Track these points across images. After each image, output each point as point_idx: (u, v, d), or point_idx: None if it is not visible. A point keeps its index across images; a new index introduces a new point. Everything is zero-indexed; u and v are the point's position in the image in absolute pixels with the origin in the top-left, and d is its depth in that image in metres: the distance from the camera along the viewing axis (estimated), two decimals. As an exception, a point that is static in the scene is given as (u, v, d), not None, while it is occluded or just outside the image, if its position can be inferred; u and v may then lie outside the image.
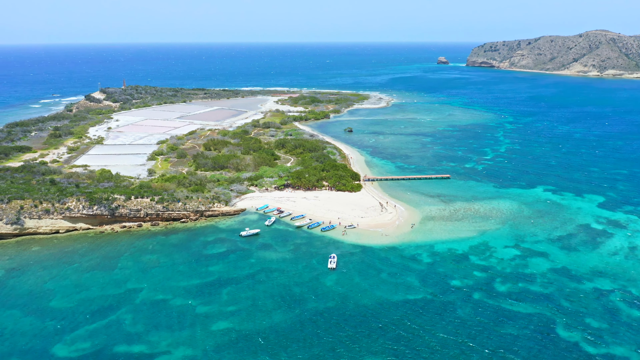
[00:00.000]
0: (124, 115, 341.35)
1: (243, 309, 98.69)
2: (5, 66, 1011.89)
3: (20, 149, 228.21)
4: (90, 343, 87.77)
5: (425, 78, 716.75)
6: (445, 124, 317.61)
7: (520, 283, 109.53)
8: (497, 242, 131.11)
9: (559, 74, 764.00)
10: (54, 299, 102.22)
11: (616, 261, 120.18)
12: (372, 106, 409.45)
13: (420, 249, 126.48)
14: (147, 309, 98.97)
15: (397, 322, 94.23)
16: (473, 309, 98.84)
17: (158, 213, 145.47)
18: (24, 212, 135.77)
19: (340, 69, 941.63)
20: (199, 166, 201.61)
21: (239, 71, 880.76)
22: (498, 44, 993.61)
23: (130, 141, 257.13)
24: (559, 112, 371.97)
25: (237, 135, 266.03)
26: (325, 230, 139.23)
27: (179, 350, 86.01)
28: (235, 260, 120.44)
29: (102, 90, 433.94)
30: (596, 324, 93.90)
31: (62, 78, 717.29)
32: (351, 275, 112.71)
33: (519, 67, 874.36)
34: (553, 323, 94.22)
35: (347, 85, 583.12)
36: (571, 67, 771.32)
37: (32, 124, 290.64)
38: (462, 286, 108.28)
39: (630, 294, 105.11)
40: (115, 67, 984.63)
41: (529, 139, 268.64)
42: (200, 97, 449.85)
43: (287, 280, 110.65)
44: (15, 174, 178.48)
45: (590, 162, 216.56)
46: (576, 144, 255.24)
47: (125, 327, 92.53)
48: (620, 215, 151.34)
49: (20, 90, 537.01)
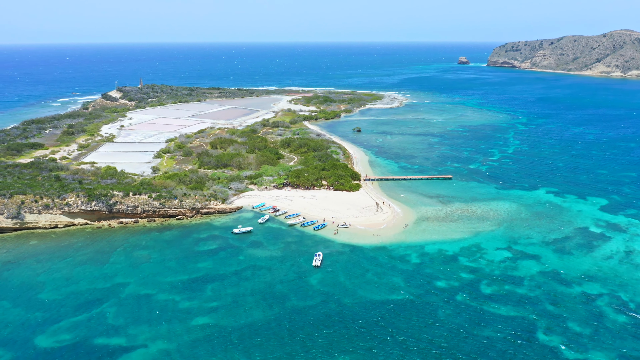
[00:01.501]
0: (138, 114, 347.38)
1: (224, 306, 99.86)
2: (26, 65, 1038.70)
3: (33, 146, 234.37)
4: (71, 335, 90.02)
5: (442, 78, 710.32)
6: (455, 124, 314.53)
7: (507, 285, 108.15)
8: (489, 243, 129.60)
9: (581, 75, 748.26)
10: (43, 292, 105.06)
11: (610, 265, 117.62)
12: (384, 106, 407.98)
13: (410, 250, 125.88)
14: (131, 303, 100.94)
15: (374, 322, 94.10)
16: (453, 311, 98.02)
17: (155, 210, 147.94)
18: (25, 207, 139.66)
19: (358, 68, 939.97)
20: (202, 164, 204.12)
21: (257, 71, 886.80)
22: (520, 44, 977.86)
23: (140, 139, 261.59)
24: (574, 114, 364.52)
25: (245, 134, 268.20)
26: (317, 229, 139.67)
27: (155, 344, 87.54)
28: (225, 258, 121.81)
29: (118, 88, 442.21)
30: (578, 329, 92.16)
31: (83, 77, 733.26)
32: (336, 275, 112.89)
33: (540, 67, 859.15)
34: (533, 327, 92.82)
35: (362, 85, 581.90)
36: (594, 68, 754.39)
37: (48, 122, 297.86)
38: (447, 287, 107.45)
39: (619, 299, 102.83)
40: (136, 67, 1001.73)
41: (540, 141, 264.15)
42: (215, 96, 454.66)
43: (272, 278, 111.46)
44: (24, 169, 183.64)
45: (598, 165, 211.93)
46: (587, 146, 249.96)
47: (107, 320, 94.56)
48: (622, 218, 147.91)
49: (41, 88, 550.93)
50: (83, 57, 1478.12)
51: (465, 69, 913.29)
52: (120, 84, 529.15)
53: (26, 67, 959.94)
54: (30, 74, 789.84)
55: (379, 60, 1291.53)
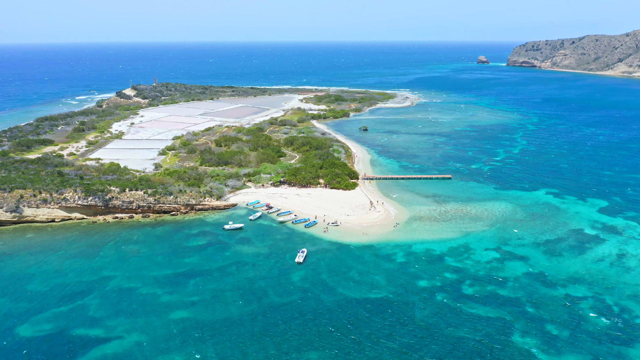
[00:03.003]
0: (149, 112, 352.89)
1: (203, 300, 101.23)
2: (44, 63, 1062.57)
3: (43, 142, 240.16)
4: (51, 325, 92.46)
5: (457, 78, 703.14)
6: (464, 124, 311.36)
7: (490, 286, 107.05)
8: (478, 244, 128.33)
9: (602, 75, 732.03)
10: (31, 283, 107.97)
11: (599, 268, 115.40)
12: (395, 105, 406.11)
13: (397, 249, 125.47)
14: (114, 295, 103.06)
15: (348, 320, 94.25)
16: (431, 310, 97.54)
17: (149, 205, 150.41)
18: (23, 201, 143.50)
19: (375, 68, 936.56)
20: (204, 161, 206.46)
21: (274, 70, 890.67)
22: (540, 43, 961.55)
23: (148, 136, 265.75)
24: (587, 114, 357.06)
25: (251, 132, 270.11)
26: (308, 226, 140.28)
27: (131, 336, 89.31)
28: (212, 253, 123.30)
29: (133, 87, 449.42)
30: (555, 332, 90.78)
31: (101, 75, 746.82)
32: (319, 272, 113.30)
33: (561, 67, 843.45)
34: (510, 328, 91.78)
35: (376, 84, 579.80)
36: (615, 68, 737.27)
37: (61, 119, 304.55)
38: (428, 287, 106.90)
39: (603, 302, 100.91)
40: (155, 65, 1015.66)
41: (548, 141, 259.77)
42: (227, 95, 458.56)
43: (255, 274, 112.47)
44: (30, 165, 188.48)
45: (604, 166, 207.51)
46: (596, 147, 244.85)
47: (89, 312, 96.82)
48: (620, 220, 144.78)
49: (59, 86, 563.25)
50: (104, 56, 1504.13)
51: (482, 69, 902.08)
52: (137, 82, 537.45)
53: (48, 65, 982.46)
54: (52, 72, 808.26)
55: (397, 59, 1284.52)
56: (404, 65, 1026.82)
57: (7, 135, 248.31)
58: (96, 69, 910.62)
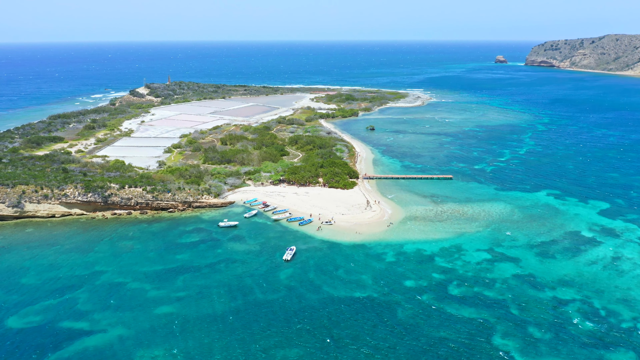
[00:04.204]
0: (161, 110, 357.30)
1: (190, 296, 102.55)
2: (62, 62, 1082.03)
3: (53, 139, 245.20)
4: (39, 317, 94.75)
5: (471, 77, 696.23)
6: (473, 124, 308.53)
7: (477, 287, 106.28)
8: (471, 245, 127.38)
9: (622, 75, 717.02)
10: (25, 276, 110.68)
11: (591, 271, 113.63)
12: (406, 105, 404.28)
13: (388, 248, 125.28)
14: (103, 290, 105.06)
15: (329, 318, 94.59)
16: (414, 311, 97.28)
17: (147, 202, 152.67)
18: (25, 196, 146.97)
19: (391, 67, 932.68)
20: (207, 159, 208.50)
21: (288, 68, 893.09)
22: (559, 43, 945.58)
23: (156, 134, 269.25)
24: (600, 115, 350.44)
25: (257, 130, 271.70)
26: (302, 224, 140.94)
27: (115, 329, 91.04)
28: (204, 250, 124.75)
29: (146, 85, 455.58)
30: (538, 335, 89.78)
31: (118, 74, 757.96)
32: (307, 270, 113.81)
33: (579, 67, 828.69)
34: (492, 330, 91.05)
35: (390, 84, 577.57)
36: (635, 68, 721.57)
37: (73, 117, 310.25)
38: (414, 287, 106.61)
39: (591, 305, 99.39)
40: (171, 64, 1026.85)
41: (557, 142, 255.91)
42: (240, 94, 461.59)
43: (244, 271, 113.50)
44: (37, 161, 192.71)
45: (611, 168, 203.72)
46: (605, 148, 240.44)
47: (77, 305, 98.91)
48: (619, 223, 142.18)
49: (75, 84, 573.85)
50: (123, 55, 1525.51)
51: (498, 68, 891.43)
52: (152, 81, 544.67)
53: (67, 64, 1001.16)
54: (71, 71, 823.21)
55: (414, 59, 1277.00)
56: (420, 64, 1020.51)
57: (20, 132, 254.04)
58: (114, 67, 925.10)
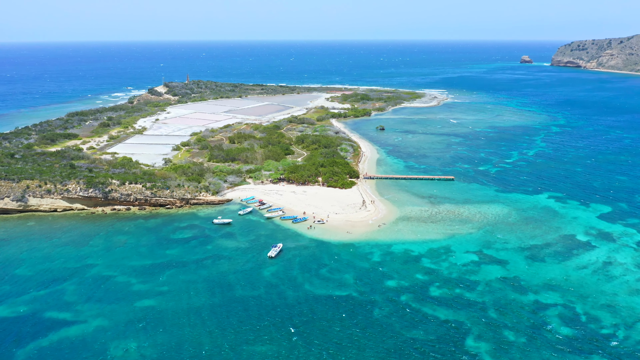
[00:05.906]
0: (177, 108, 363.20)
1: (172, 291, 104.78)
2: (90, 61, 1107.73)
3: (67, 136, 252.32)
4: (26, 307, 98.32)
5: (492, 77, 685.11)
6: (486, 125, 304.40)
7: (458, 289, 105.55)
8: (460, 246, 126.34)
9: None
10: (20, 268, 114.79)
11: (579, 275, 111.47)
12: (421, 105, 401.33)
13: (376, 248, 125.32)
14: (91, 282, 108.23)
15: (304, 315, 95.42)
16: (391, 310, 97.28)
17: (146, 198, 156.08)
18: (29, 191, 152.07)
19: (411, 67, 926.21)
20: (212, 157, 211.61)
21: (307, 68, 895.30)
22: (587, 43, 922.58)
23: (168, 132, 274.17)
24: (618, 117, 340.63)
25: (267, 129, 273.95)
26: (296, 222, 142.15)
27: (96, 321, 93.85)
28: (194, 246, 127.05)
29: (165, 84, 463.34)
30: (512, 338, 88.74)
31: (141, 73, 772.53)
32: (291, 268, 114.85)
33: (607, 67, 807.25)
34: (466, 332, 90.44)
35: (407, 83, 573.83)
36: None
37: (91, 114, 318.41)
38: (395, 287, 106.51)
39: (573, 310, 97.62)
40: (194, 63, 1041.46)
41: (568, 144, 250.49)
42: (256, 93, 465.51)
43: (229, 267, 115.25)
44: (48, 157, 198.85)
45: (620, 170, 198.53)
46: (618, 151, 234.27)
47: (63, 297, 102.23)
48: (618, 227, 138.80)
49: (98, 83, 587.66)
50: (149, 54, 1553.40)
51: (521, 68, 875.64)
52: (172, 79, 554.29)
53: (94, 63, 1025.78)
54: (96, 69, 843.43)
55: (436, 58, 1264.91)
56: (442, 64, 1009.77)
57: (37, 129, 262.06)
58: (137, 66, 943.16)
